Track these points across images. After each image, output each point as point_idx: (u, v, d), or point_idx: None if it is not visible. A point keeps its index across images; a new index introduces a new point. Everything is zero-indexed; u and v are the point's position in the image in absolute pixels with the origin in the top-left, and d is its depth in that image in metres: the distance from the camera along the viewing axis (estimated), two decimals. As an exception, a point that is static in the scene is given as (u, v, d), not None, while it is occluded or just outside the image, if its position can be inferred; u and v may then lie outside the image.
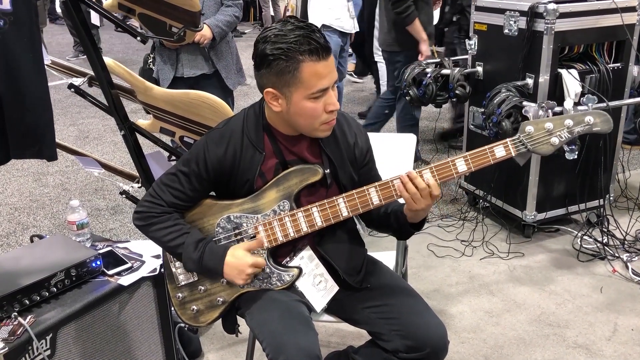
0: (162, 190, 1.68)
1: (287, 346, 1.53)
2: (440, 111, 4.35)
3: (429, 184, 1.54)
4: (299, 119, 1.57)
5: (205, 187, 1.68)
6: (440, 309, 2.70)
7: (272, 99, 1.56)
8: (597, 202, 3.28)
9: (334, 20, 4.59)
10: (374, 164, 1.81)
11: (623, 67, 3.12)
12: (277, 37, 1.49)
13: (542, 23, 2.88)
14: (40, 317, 1.68)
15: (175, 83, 3.26)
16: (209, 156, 1.64)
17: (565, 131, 1.55)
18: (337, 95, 1.61)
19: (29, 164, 4.51)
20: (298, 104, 1.53)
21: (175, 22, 2.12)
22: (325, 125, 1.59)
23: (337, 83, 4.79)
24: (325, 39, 1.52)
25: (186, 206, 1.70)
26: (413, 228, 1.69)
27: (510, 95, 2.87)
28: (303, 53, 1.48)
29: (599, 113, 1.55)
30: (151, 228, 1.68)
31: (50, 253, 1.89)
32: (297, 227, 1.64)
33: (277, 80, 1.52)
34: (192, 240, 1.65)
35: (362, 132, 1.78)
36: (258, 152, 1.65)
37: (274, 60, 1.49)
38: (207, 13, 3.20)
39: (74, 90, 2.18)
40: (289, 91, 1.53)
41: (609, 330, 2.53)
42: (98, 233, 3.45)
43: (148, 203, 1.69)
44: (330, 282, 1.75)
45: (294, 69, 1.49)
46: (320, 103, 1.54)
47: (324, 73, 1.51)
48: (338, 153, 1.69)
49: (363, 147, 1.75)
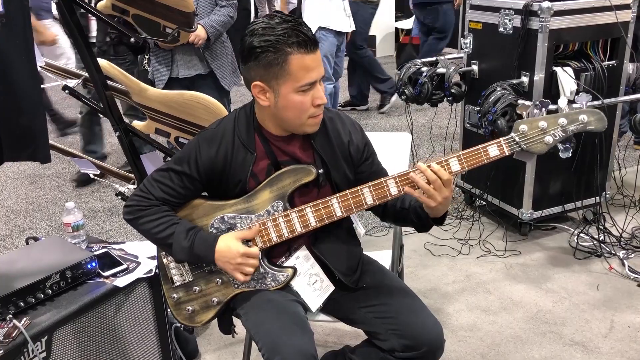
0: (153, 186, 1.68)
1: (283, 346, 1.53)
2: (436, 110, 4.36)
3: (436, 172, 1.52)
4: (287, 112, 1.57)
5: (196, 186, 1.68)
6: (437, 307, 2.70)
7: (260, 92, 1.57)
8: (593, 199, 3.29)
9: (327, 20, 4.60)
10: (375, 157, 1.79)
11: (618, 64, 3.12)
12: (264, 29, 1.50)
13: (536, 21, 2.88)
14: (36, 319, 1.67)
15: (170, 84, 3.26)
16: (200, 157, 1.64)
17: (559, 130, 1.54)
18: (335, 95, 1.62)
19: (25, 167, 4.50)
20: (286, 97, 1.54)
21: (169, 22, 2.12)
22: (312, 119, 1.59)
23: (334, 83, 4.81)
24: (312, 33, 1.52)
25: (176, 203, 1.69)
26: (435, 223, 1.67)
27: (505, 94, 2.87)
28: (291, 45, 1.48)
29: (593, 111, 1.55)
30: (140, 221, 1.67)
31: (45, 255, 1.89)
32: (291, 227, 1.64)
33: (265, 73, 1.52)
34: (182, 229, 1.65)
35: (357, 128, 1.76)
36: (249, 152, 1.65)
37: (262, 52, 1.50)
38: (202, 13, 3.19)
39: (68, 92, 2.18)
40: (277, 84, 1.53)
41: (605, 327, 2.53)
42: (94, 235, 3.45)
43: (137, 197, 1.69)
44: (325, 282, 1.75)
45: (282, 61, 1.49)
46: (308, 97, 1.54)
47: (312, 66, 1.51)
48: (330, 153, 1.69)
49: (359, 143, 1.73)
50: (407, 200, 1.72)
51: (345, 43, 4.88)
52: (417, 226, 1.73)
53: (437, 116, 5.03)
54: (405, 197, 1.70)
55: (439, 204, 1.54)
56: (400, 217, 1.75)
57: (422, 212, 1.65)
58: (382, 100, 5.82)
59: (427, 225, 1.70)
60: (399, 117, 5.58)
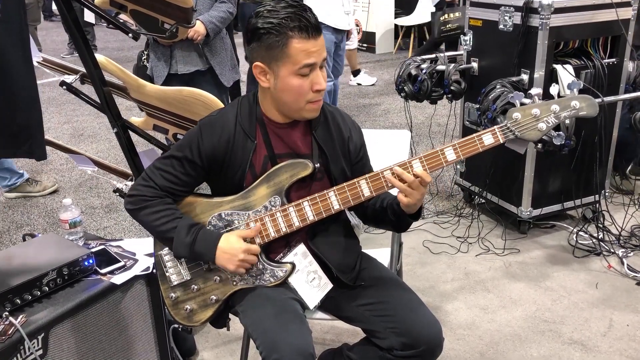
0: (155, 174, 1.67)
1: (280, 344, 1.53)
2: (435, 107, 4.35)
3: (418, 175, 1.55)
4: (285, 95, 1.58)
5: (198, 173, 1.68)
6: (436, 305, 2.69)
7: (260, 73, 1.59)
8: (592, 197, 3.28)
9: (325, 17, 4.58)
10: (367, 160, 1.81)
11: (618, 62, 3.11)
12: (269, 12, 1.54)
13: (537, 18, 2.87)
14: (32, 317, 1.66)
15: (169, 80, 3.25)
16: (202, 142, 1.64)
17: (552, 116, 1.55)
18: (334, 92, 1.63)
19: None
20: (285, 79, 1.56)
21: (167, 18, 2.10)
22: (311, 104, 1.60)
23: (334, 80, 4.80)
24: (316, 19, 1.55)
25: (178, 190, 1.68)
26: (411, 218, 1.69)
27: (505, 91, 2.86)
28: (293, 29, 1.51)
29: (584, 97, 1.56)
30: (142, 212, 1.66)
31: (42, 252, 1.87)
32: (289, 222, 1.64)
33: (266, 55, 1.55)
34: (185, 224, 1.64)
35: (357, 128, 1.79)
36: (250, 140, 1.65)
37: (265, 34, 1.53)
38: (201, 9, 3.18)
39: (65, 87, 2.17)
40: (276, 66, 1.55)
41: (604, 325, 2.53)
42: (92, 231, 3.44)
43: (140, 187, 1.68)
44: (324, 279, 1.74)
45: (283, 44, 1.52)
46: (307, 81, 1.56)
47: (312, 50, 1.54)
48: (331, 145, 1.70)
49: (357, 142, 1.76)
50: (386, 199, 1.73)
51: (345, 41, 4.87)
52: (394, 225, 1.75)
53: (436, 113, 5.01)
54: (383, 196, 1.72)
55: (417, 200, 1.58)
56: (379, 217, 1.77)
57: (398, 208, 1.67)
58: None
59: (403, 224, 1.72)
60: (399, 115, 5.58)
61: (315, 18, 1.55)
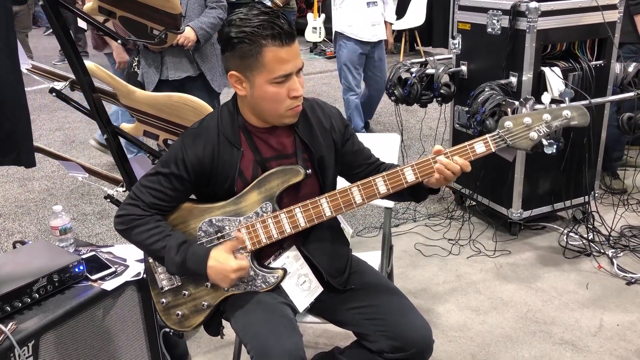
0: (142, 192, 1.67)
1: (271, 349, 1.53)
2: (426, 110, 4.36)
3: (460, 164, 1.55)
4: (263, 103, 1.59)
5: (186, 187, 1.67)
6: (428, 307, 2.70)
7: (236, 82, 1.59)
8: (582, 199, 3.30)
9: (346, 28, 4.57)
10: (355, 137, 1.81)
11: (605, 64, 3.14)
12: (242, 21, 1.52)
13: (524, 21, 2.89)
14: (22, 324, 1.66)
15: (160, 86, 3.25)
16: (187, 155, 1.63)
17: (544, 125, 1.56)
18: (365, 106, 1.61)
19: (14, 170, 4.47)
20: (261, 88, 1.55)
21: (156, 24, 2.10)
22: (290, 111, 1.60)
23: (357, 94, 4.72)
24: (290, 25, 1.53)
25: (167, 207, 1.68)
26: (431, 193, 1.69)
27: (494, 94, 2.88)
28: (266, 37, 1.50)
29: (576, 107, 1.57)
30: (133, 231, 1.66)
31: (32, 259, 1.87)
32: (280, 228, 1.64)
33: (241, 64, 1.55)
34: (174, 243, 1.63)
35: (336, 113, 1.78)
36: (235, 148, 1.65)
37: (238, 43, 1.52)
38: (191, 15, 3.19)
39: (55, 94, 2.16)
40: (251, 75, 1.55)
41: (594, 326, 2.54)
42: (84, 238, 3.43)
43: (129, 206, 1.67)
44: (314, 283, 1.75)
45: (257, 53, 1.51)
46: (284, 88, 1.56)
47: (286, 58, 1.52)
48: (315, 140, 1.70)
49: (340, 127, 1.76)
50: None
51: (381, 51, 4.75)
52: (412, 198, 1.74)
53: (427, 117, 5.03)
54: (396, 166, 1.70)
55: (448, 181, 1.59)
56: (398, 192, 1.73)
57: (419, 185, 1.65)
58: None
59: (421, 197, 1.72)
60: (389, 118, 5.59)
61: (289, 24, 1.53)
